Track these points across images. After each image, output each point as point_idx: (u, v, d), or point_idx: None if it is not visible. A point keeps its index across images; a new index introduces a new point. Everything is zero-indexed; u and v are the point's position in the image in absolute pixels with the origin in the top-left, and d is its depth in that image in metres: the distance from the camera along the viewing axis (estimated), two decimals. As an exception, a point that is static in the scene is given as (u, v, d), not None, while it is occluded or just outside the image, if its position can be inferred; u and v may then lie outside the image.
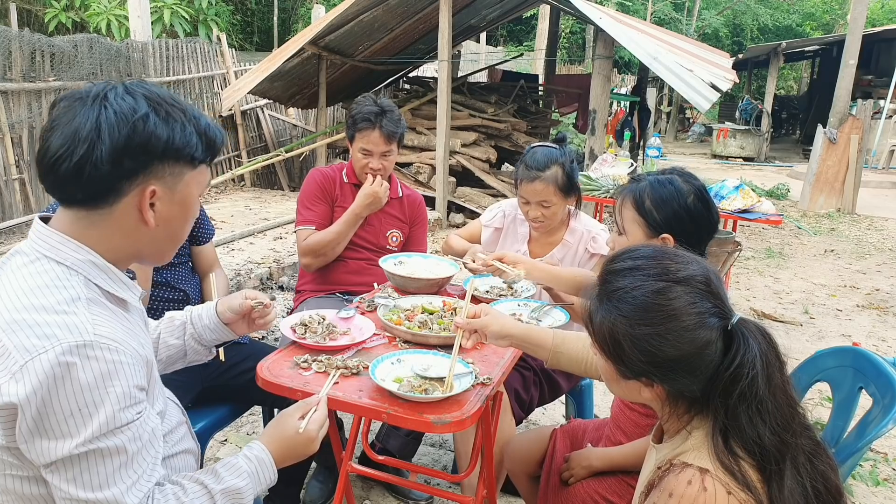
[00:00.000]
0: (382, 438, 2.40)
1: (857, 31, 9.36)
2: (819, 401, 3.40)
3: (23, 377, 0.96)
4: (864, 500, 2.66)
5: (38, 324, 0.99)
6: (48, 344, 0.97)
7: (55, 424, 0.98)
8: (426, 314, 1.95)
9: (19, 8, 9.28)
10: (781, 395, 1.05)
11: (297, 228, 2.59)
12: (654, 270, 1.09)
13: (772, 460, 1.02)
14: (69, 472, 1.00)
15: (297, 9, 15.40)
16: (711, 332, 1.05)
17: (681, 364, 1.05)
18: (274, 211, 6.73)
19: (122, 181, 1.04)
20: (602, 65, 6.65)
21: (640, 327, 1.06)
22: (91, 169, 1.01)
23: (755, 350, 1.04)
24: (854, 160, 8.89)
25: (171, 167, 1.09)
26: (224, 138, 1.20)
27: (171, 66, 7.40)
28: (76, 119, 1.02)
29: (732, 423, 1.03)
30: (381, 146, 2.50)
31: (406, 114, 7.87)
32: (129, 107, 1.03)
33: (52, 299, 1.02)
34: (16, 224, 5.53)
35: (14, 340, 0.98)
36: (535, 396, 2.28)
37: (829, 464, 1.08)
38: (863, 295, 5.46)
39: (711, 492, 0.98)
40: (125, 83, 1.09)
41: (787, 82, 26.94)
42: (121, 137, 1.02)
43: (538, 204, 2.28)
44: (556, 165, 2.25)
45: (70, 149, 1.01)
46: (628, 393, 1.16)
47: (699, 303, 1.06)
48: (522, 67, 14.66)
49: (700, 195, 1.71)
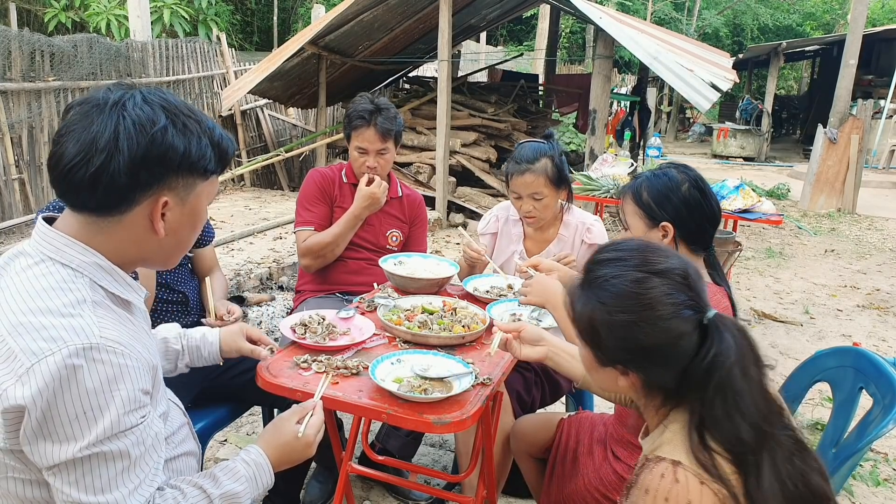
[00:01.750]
0: (382, 438, 2.40)
1: (857, 31, 9.36)
2: (819, 401, 3.40)
3: (29, 380, 0.96)
4: (864, 500, 2.66)
5: (44, 326, 0.98)
6: (54, 346, 0.97)
7: (59, 427, 0.97)
8: (426, 314, 1.94)
9: (19, 8, 9.28)
10: (758, 390, 1.07)
11: (296, 229, 2.59)
12: (634, 261, 1.13)
13: (748, 453, 1.03)
14: (72, 476, 0.99)
15: (297, 9, 15.40)
16: (686, 324, 1.08)
17: (655, 353, 1.09)
18: (274, 211, 6.72)
19: (136, 192, 1.04)
20: (602, 65, 6.65)
21: (617, 314, 1.10)
22: (107, 179, 1.00)
23: (730, 342, 1.06)
24: (854, 160, 8.89)
25: (185, 179, 1.08)
26: (235, 148, 1.20)
27: (170, 66, 7.40)
28: (93, 127, 1.00)
29: (709, 415, 1.05)
30: (377, 144, 2.50)
31: (406, 114, 7.87)
32: (147, 117, 1.02)
33: (58, 302, 1.01)
34: (15, 224, 5.53)
35: (20, 343, 0.97)
36: (537, 398, 2.28)
37: (813, 466, 1.09)
38: (863, 295, 5.46)
39: (683, 483, 1.00)
40: (142, 91, 1.07)
41: (788, 82, 26.94)
42: (139, 149, 1.01)
43: (530, 197, 2.30)
44: (545, 158, 2.29)
45: (87, 157, 0.99)
46: (606, 381, 1.19)
47: (675, 294, 1.09)
48: (522, 67, 14.66)
49: (695, 184, 1.75)
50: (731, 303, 1.75)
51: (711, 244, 1.84)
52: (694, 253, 1.81)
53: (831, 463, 1.61)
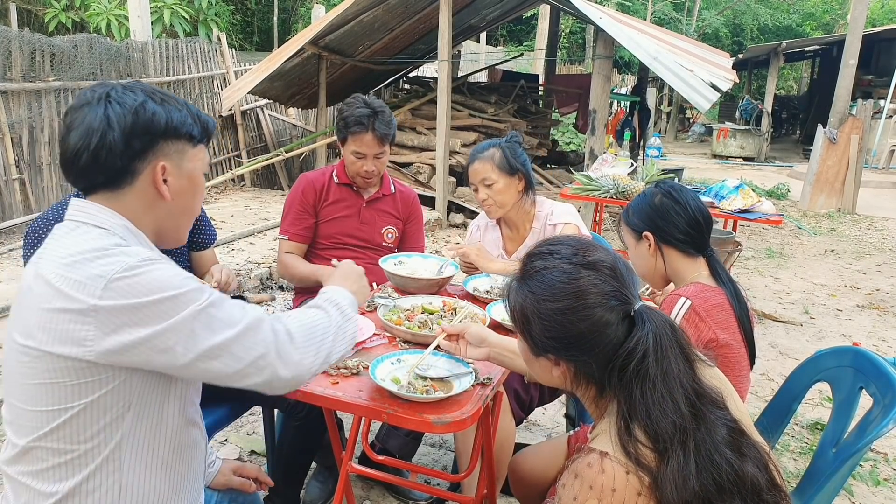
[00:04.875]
0: (382, 438, 2.40)
1: (857, 31, 9.36)
2: (819, 401, 3.40)
3: (109, 292, 1.04)
4: (864, 500, 2.66)
5: (99, 258, 1.08)
6: (118, 263, 1.06)
7: (161, 313, 1.06)
8: (426, 314, 1.95)
9: (19, 8, 9.29)
10: (676, 380, 1.11)
11: (278, 236, 2.66)
12: (565, 255, 1.19)
13: (666, 441, 1.06)
14: (202, 327, 1.08)
15: (297, 9, 15.41)
16: (611, 314, 1.13)
17: (582, 341, 1.13)
18: (274, 211, 6.72)
19: (135, 161, 1.18)
20: (602, 65, 6.65)
21: (546, 303, 1.16)
22: (107, 153, 1.15)
23: (649, 330, 1.11)
24: (854, 160, 8.89)
25: (174, 144, 1.22)
26: (215, 124, 1.32)
27: (170, 66, 7.40)
28: (87, 118, 1.16)
29: (628, 404, 1.10)
30: (375, 148, 2.49)
31: (406, 114, 7.87)
32: (130, 98, 1.19)
33: (104, 243, 1.12)
34: (15, 224, 5.53)
35: (86, 271, 1.06)
36: (535, 396, 2.28)
37: (750, 455, 1.11)
38: (863, 295, 5.46)
39: (609, 473, 1.04)
40: (121, 83, 1.23)
41: (787, 82, 26.94)
42: (127, 123, 1.16)
43: (482, 184, 2.44)
44: (495, 148, 2.46)
45: (86, 141, 1.15)
46: (541, 372, 1.24)
47: (601, 284, 1.14)
48: (522, 67, 14.66)
49: (667, 193, 1.87)
50: (735, 300, 1.76)
51: (708, 247, 1.86)
52: (690, 256, 1.85)
53: (831, 463, 1.61)
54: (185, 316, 1.07)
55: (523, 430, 3.01)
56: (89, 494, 1.12)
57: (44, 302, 1.06)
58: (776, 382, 3.60)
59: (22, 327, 1.09)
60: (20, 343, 1.09)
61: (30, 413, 1.10)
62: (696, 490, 1.04)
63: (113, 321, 1.04)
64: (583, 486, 1.05)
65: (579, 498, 1.05)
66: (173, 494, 1.22)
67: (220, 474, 1.58)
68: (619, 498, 1.03)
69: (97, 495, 1.13)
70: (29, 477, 1.12)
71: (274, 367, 1.15)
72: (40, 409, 1.08)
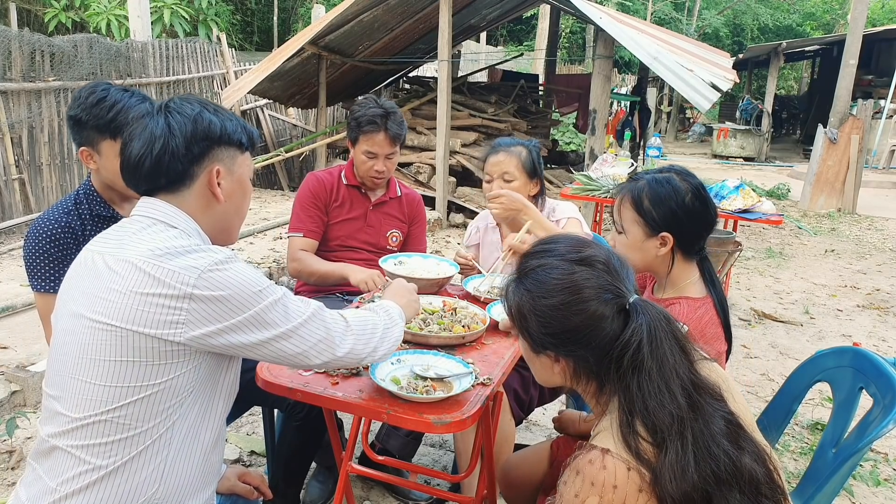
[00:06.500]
0: (382, 438, 2.40)
1: (857, 31, 9.35)
2: (819, 401, 3.40)
3: (202, 282, 1.16)
4: (864, 500, 2.66)
5: (189, 252, 1.19)
6: (208, 258, 1.18)
7: (249, 303, 1.20)
8: (426, 314, 1.94)
9: (19, 8, 9.29)
10: (672, 371, 1.12)
11: (288, 234, 2.61)
12: (560, 252, 1.22)
13: (664, 432, 1.07)
14: (280, 316, 1.23)
15: (297, 9, 15.41)
16: (606, 307, 1.14)
17: (577, 335, 1.15)
18: (274, 211, 6.72)
19: (193, 166, 1.29)
20: (602, 65, 6.65)
21: (541, 300, 1.18)
22: (169, 158, 1.27)
23: (643, 322, 1.12)
24: (854, 160, 8.89)
25: (227, 150, 1.34)
26: (259, 134, 1.39)
27: (170, 66, 7.40)
28: (149, 127, 1.28)
29: (626, 397, 1.11)
30: (387, 148, 2.50)
31: (406, 114, 7.87)
32: (188, 108, 1.31)
33: (188, 242, 1.23)
34: (15, 224, 5.53)
35: (180, 262, 1.17)
36: (535, 396, 2.27)
37: (748, 448, 1.11)
38: (863, 295, 5.46)
39: (611, 470, 1.05)
40: (178, 97, 1.36)
41: (788, 82, 26.93)
42: (188, 130, 1.28)
43: (500, 177, 2.36)
44: (523, 147, 2.40)
45: (150, 147, 1.26)
46: (543, 371, 1.26)
47: (595, 279, 1.16)
48: (522, 67, 14.66)
49: (697, 193, 1.69)
50: (721, 309, 1.69)
51: (704, 249, 1.77)
52: (688, 261, 1.74)
53: (831, 463, 1.61)
54: (266, 306, 1.22)
55: (523, 430, 3.01)
56: (136, 472, 1.18)
57: (136, 286, 1.15)
58: (776, 382, 3.60)
59: (100, 306, 1.17)
60: (97, 320, 1.16)
61: (98, 387, 1.16)
62: (695, 481, 1.04)
63: (206, 308, 1.16)
64: (584, 482, 1.06)
65: (581, 494, 1.06)
66: (202, 485, 1.29)
67: (224, 478, 1.58)
68: (621, 494, 1.04)
69: (142, 474, 1.19)
70: (82, 450, 1.17)
71: (332, 348, 1.32)
72: (114, 385, 1.15)
